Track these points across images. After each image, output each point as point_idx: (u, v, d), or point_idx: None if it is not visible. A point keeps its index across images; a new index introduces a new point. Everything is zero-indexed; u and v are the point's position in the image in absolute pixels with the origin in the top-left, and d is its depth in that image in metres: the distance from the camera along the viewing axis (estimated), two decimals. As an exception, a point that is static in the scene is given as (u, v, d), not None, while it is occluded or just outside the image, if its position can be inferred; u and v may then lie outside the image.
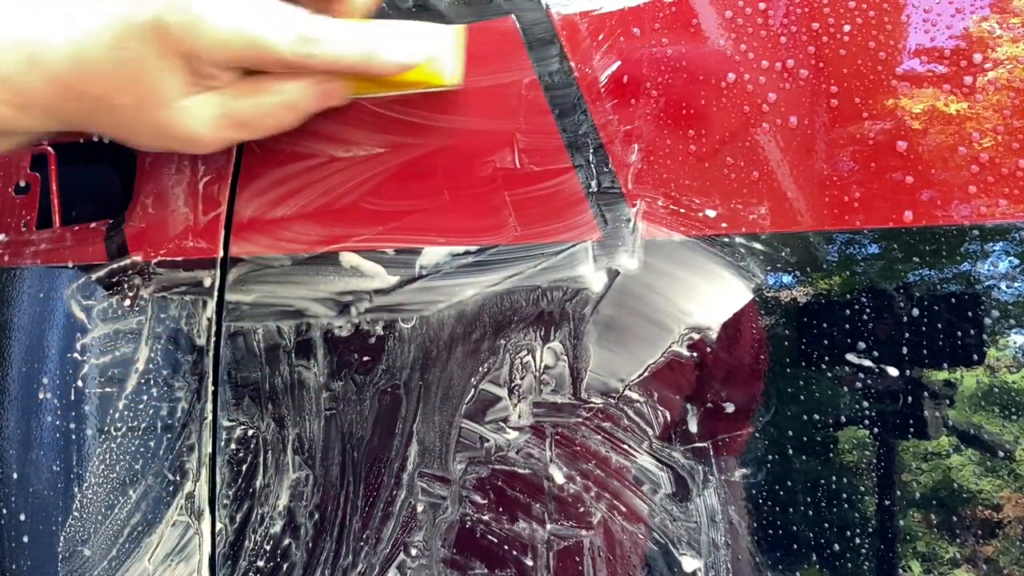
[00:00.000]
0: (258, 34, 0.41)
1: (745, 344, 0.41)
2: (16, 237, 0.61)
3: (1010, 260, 0.37)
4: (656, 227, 0.42)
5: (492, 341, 0.45)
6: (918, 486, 0.37)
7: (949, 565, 0.37)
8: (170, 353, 0.53)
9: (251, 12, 0.41)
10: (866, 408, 0.38)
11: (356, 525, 0.47)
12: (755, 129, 0.41)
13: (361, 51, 0.43)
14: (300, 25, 0.42)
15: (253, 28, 0.41)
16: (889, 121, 0.39)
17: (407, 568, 0.46)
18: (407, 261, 0.47)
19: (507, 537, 0.44)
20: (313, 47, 0.42)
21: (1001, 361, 0.36)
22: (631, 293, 0.43)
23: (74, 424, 0.56)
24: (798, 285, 0.40)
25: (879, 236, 0.39)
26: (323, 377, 0.49)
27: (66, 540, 0.55)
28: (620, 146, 0.43)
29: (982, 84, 0.37)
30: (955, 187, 0.37)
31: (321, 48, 0.42)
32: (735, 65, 0.41)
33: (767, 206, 0.40)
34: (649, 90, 0.43)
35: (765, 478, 0.40)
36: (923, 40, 0.38)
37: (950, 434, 0.37)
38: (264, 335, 0.50)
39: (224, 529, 0.51)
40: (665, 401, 0.42)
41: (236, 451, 0.51)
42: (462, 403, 0.46)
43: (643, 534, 0.42)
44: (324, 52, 0.42)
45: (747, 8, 0.41)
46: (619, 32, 0.44)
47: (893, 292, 0.38)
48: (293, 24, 0.42)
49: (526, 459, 0.44)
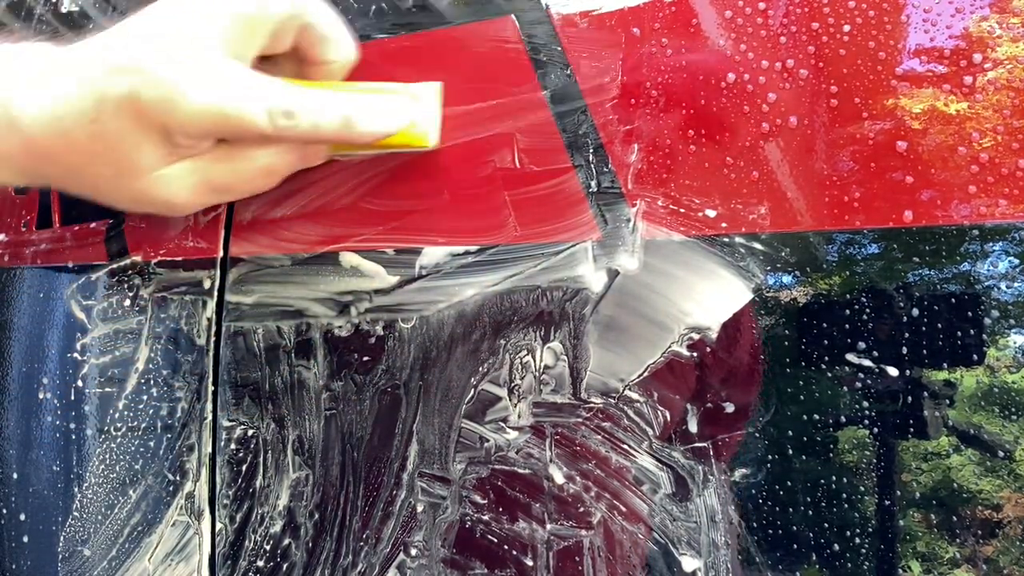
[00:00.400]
0: (236, 109, 0.40)
1: (745, 344, 0.41)
2: (16, 237, 0.61)
3: (1010, 260, 0.37)
4: (656, 227, 0.42)
5: (492, 341, 0.45)
6: (918, 486, 0.37)
7: (949, 565, 0.37)
8: (170, 353, 0.53)
9: (228, 85, 0.41)
10: (866, 408, 0.38)
11: (356, 525, 0.47)
12: (755, 129, 0.41)
13: (340, 122, 0.42)
14: (278, 98, 0.41)
15: (230, 103, 0.40)
16: (889, 121, 0.39)
17: (407, 568, 0.46)
18: (407, 261, 0.47)
19: (507, 537, 0.44)
20: (292, 120, 0.41)
21: (1001, 361, 0.36)
22: (631, 293, 0.43)
23: (74, 424, 0.56)
24: (798, 285, 0.40)
25: (879, 236, 0.39)
26: (323, 377, 0.49)
27: (66, 540, 0.55)
28: (620, 146, 0.43)
29: (982, 84, 0.37)
30: (955, 187, 0.37)
31: (300, 121, 0.41)
32: (735, 65, 0.41)
33: (767, 206, 0.40)
34: (649, 90, 0.43)
35: (765, 478, 0.40)
36: (923, 40, 0.38)
37: (950, 434, 0.37)
38: (264, 335, 0.50)
39: (224, 529, 0.51)
40: (665, 401, 0.42)
41: (236, 451, 0.51)
42: (462, 403, 0.46)
43: (643, 534, 0.42)
44: (303, 125, 0.42)
45: (747, 8, 0.41)
46: (619, 32, 0.44)
47: (893, 292, 0.38)
48: (271, 97, 0.41)
49: (526, 459, 0.44)
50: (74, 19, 0.61)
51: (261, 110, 0.41)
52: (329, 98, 0.43)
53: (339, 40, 0.46)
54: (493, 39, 0.46)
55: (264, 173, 0.45)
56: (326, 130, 0.42)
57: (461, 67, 0.47)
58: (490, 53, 0.46)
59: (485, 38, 0.46)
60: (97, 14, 0.60)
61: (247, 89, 0.41)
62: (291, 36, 0.44)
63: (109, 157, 0.42)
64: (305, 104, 0.41)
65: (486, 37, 0.46)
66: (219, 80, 0.40)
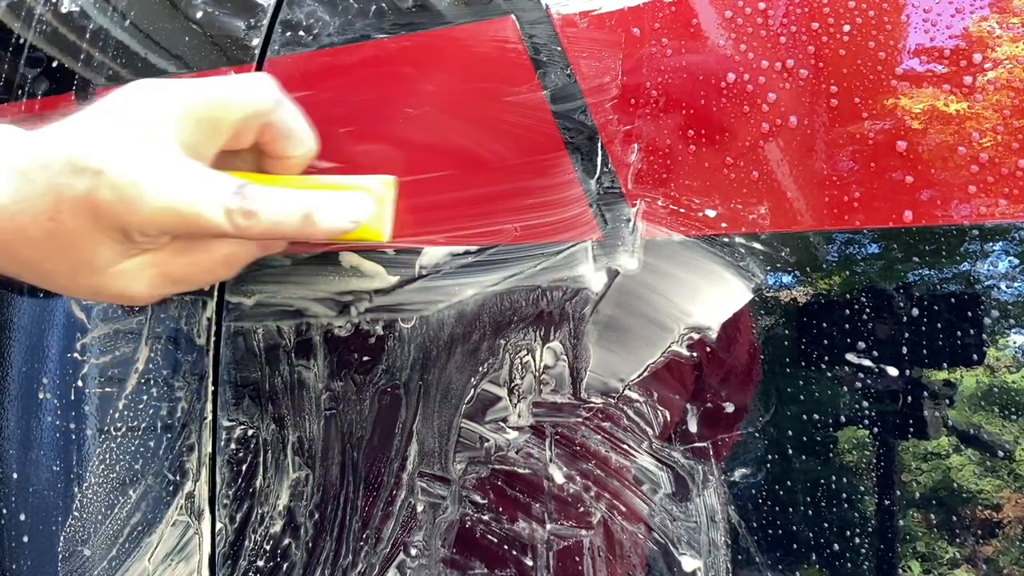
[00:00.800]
0: (194, 210, 0.40)
1: (745, 344, 0.41)
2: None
3: (1010, 260, 0.37)
4: (656, 227, 0.42)
5: (492, 341, 0.45)
6: (918, 486, 0.37)
7: (949, 565, 0.37)
8: (170, 353, 0.53)
9: (186, 185, 0.40)
10: (866, 408, 0.38)
11: (356, 525, 0.47)
12: (755, 129, 0.41)
13: (299, 219, 0.41)
14: (237, 199, 0.40)
15: (189, 203, 0.40)
16: (889, 121, 0.39)
17: (407, 568, 0.46)
18: (407, 261, 0.47)
19: (507, 537, 0.44)
20: (251, 220, 0.40)
21: (1001, 361, 0.36)
22: (631, 293, 0.43)
23: (74, 424, 0.56)
24: (798, 285, 0.40)
25: (879, 236, 0.39)
26: (323, 377, 0.49)
27: (66, 540, 0.55)
28: (620, 146, 0.43)
29: (982, 84, 0.37)
30: (955, 187, 0.37)
31: (259, 220, 0.41)
32: (735, 65, 0.41)
33: (767, 206, 0.40)
34: (649, 90, 0.43)
35: (765, 478, 0.40)
36: (923, 40, 0.38)
37: (950, 434, 0.37)
38: (264, 335, 0.50)
39: (224, 529, 0.51)
40: (665, 401, 0.42)
41: (236, 451, 0.51)
42: (462, 403, 0.46)
43: (643, 534, 0.42)
44: (263, 223, 0.41)
45: (747, 8, 0.41)
46: (619, 32, 0.44)
47: (893, 292, 0.38)
48: (229, 198, 0.40)
49: (526, 459, 0.44)
50: (74, 19, 0.61)
51: (220, 211, 0.40)
52: (289, 196, 0.42)
53: (301, 136, 0.45)
54: (493, 39, 0.46)
55: (223, 263, 0.45)
56: (286, 228, 0.41)
57: (461, 67, 0.47)
58: (490, 53, 0.46)
59: (485, 38, 0.46)
60: (97, 14, 0.60)
61: (205, 188, 0.40)
62: (253, 134, 0.44)
63: (66, 254, 0.42)
64: (265, 203, 0.41)
65: (486, 37, 0.46)
66: (177, 181, 0.40)
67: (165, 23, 0.57)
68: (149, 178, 0.40)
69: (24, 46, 0.62)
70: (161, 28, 0.57)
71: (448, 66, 0.47)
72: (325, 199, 0.42)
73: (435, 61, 0.47)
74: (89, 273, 0.42)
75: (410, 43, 0.48)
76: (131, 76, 0.57)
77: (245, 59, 0.53)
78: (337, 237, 0.43)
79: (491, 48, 0.46)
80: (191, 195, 0.40)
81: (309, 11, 0.51)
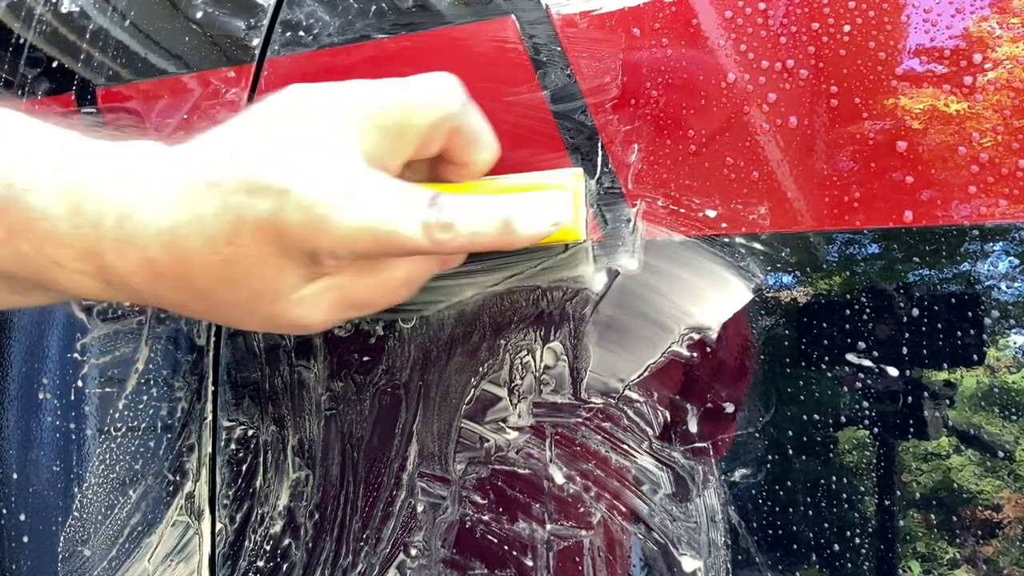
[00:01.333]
0: (391, 227, 0.36)
1: (745, 344, 0.41)
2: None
3: (1010, 260, 0.37)
4: (656, 227, 0.42)
5: (492, 341, 0.45)
6: (918, 486, 0.37)
7: (949, 565, 0.37)
8: (170, 353, 0.53)
9: (378, 202, 0.36)
10: (866, 408, 0.38)
11: (356, 525, 0.47)
12: (755, 129, 0.41)
13: (498, 228, 0.38)
14: (434, 211, 0.37)
15: (383, 222, 0.36)
16: (889, 121, 0.39)
17: (407, 568, 0.46)
18: (407, 261, 0.47)
19: (507, 537, 0.44)
20: (449, 233, 0.37)
21: (1001, 361, 0.36)
22: (631, 293, 0.43)
23: (74, 424, 0.56)
24: (798, 285, 0.40)
25: (879, 236, 0.39)
26: (323, 378, 0.49)
27: (66, 540, 0.55)
28: (620, 146, 0.43)
29: (982, 84, 0.37)
30: (955, 187, 0.37)
31: (457, 232, 0.37)
32: (735, 65, 0.41)
33: (767, 206, 0.40)
34: (649, 90, 0.43)
35: (765, 478, 0.40)
36: (923, 40, 0.38)
37: (950, 434, 0.37)
38: (264, 335, 0.50)
39: (224, 529, 0.51)
40: (665, 401, 0.42)
41: (236, 451, 0.51)
42: (462, 403, 0.46)
43: (642, 534, 0.42)
44: (462, 235, 0.37)
45: (747, 8, 0.41)
46: (619, 32, 0.44)
47: (893, 292, 0.38)
48: (424, 210, 0.36)
49: (526, 459, 0.44)
50: (74, 19, 0.61)
51: (417, 227, 0.36)
52: (483, 204, 0.38)
53: (488, 139, 0.42)
54: (493, 39, 0.46)
55: (404, 284, 0.41)
56: (484, 238, 0.38)
57: (461, 67, 0.47)
58: (490, 53, 0.46)
59: (485, 38, 0.46)
60: (97, 14, 0.60)
61: (398, 203, 0.36)
62: (440, 142, 0.40)
63: (244, 282, 0.37)
64: (461, 214, 0.37)
65: (486, 37, 0.46)
66: (370, 198, 0.36)
67: (165, 23, 0.57)
68: (340, 196, 0.35)
69: (24, 46, 0.62)
70: (161, 28, 0.57)
71: (448, 66, 0.47)
72: (521, 203, 0.39)
73: (435, 61, 0.47)
74: (269, 302, 0.38)
75: (410, 43, 0.48)
76: (131, 76, 0.57)
77: (245, 59, 0.53)
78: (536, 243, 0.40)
79: (491, 48, 0.46)
80: (387, 212, 0.36)
81: (309, 11, 0.51)
